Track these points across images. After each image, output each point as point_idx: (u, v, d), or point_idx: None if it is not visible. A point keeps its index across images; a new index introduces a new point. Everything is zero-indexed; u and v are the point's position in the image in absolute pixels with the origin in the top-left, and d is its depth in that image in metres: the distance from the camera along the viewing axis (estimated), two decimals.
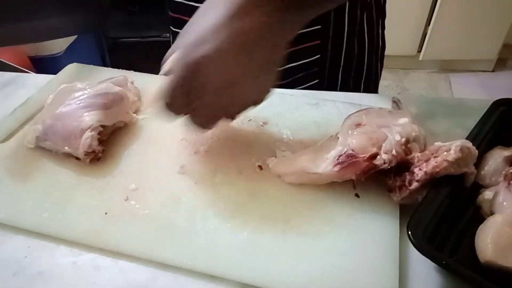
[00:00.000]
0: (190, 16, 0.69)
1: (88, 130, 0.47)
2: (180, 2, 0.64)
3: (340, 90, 0.70)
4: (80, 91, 0.51)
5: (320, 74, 0.68)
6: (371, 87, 0.76)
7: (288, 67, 0.66)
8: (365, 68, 0.72)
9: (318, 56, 0.66)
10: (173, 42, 0.74)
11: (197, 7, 0.62)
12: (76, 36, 1.79)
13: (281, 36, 0.39)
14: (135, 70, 0.64)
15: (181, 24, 0.66)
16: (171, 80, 0.39)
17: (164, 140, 0.51)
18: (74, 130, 0.47)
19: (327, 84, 0.69)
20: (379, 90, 0.79)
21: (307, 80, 0.68)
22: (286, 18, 0.38)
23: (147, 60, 0.82)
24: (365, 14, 0.67)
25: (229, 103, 0.42)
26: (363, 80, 0.73)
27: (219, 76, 0.39)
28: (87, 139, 0.46)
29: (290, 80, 0.67)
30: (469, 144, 0.41)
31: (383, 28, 0.73)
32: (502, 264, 0.35)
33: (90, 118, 0.48)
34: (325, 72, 0.68)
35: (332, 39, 0.65)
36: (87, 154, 0.47)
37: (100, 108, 0.49)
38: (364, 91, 0.74)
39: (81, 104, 0.49)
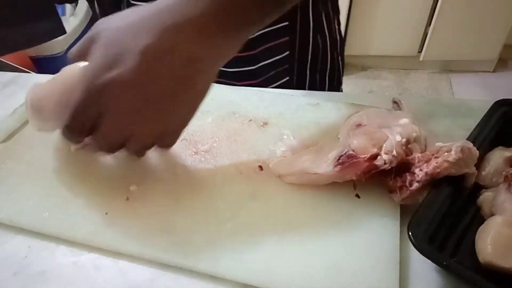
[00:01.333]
0: None
1: None
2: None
3: (309, 87, 0.72)
4: None
5: (290, 71, 0.70)
6: (335, 82, 0.78)
7: (260, 66, 0.68)
8: (328, 63, 0.74)
9: (288, 53, 0.67)
10: None
11: None
12: (77, 36, 1.79)
13: (212, 56, 0.35)
14: None
15: None
16: (77, 100, 0.35)
17: None
18: None
19: (296, 81, 0.71)
20: (380, 90, 0.80)
21: (278, 79, 0.70)
22: (219, 38, 0.34)
23: None
24: (323, 12, 0.69)
25: (151, 128, 0.37)
26: (327, 75, 0.75)
27: (132, 98, 0.34)
28: None
29: (262, 79, 0.69)
30: (470, 144, 0.41)
31: (339, 24, 0.76)
32: (501, 265, 0.35)
33: None
34: (294, 69, 0.70)
35: (299, 35, 0.67)
36: None
37: None
38: (329, 87, 0.76)
39: None
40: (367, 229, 0.40)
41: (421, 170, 0.41)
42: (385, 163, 0.41)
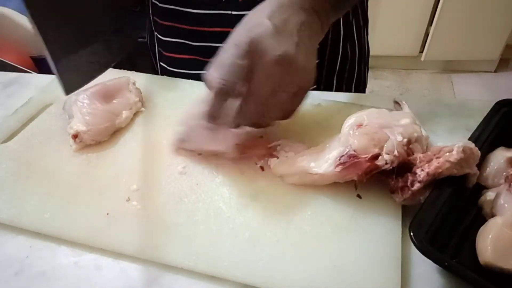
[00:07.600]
0: (185, 23, 0.70)
1: None
2: (175, 9, 0.63)
3: None
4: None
5: (318, 80, 0.68)
6: (360, 91, 0.78)
7: None
8: (355, 72, 0.74)
9: (317, 61, 0.67)
10: (159, 51, 0.74)
11: (194, 14, 0.63)
12: None
13: (315, 32, 0.46)
14: (136, 71, 0.64)
15: (175, 32, 0.66)
16: (226, 57, 0.41)
17: (165, 140, 0.51)
18: None
19: (323, 89, 0.70)
20: (381, 91, 0.80)
21: None
22: (317, 19, 0.45)
23: (149, 60, 0.82)
24: (354, 20, 0.69)
25: (283, 83, 0.43)
26: (353, 86, 0.75)
27: (274, 52, 0.41)
28: None
29: None
30: (471, 145, 0.41)
31: (367, 33, 0.76)
32: (501, 266, 0.35)
33: None
34: (322, 77, 0.69)
35: (330, 43, 0.66)
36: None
37: None
38: None
39: None
40: (368, 230, 0.40)
41: (422, 170, 0.40)
42: (386, 163, 0.41)
